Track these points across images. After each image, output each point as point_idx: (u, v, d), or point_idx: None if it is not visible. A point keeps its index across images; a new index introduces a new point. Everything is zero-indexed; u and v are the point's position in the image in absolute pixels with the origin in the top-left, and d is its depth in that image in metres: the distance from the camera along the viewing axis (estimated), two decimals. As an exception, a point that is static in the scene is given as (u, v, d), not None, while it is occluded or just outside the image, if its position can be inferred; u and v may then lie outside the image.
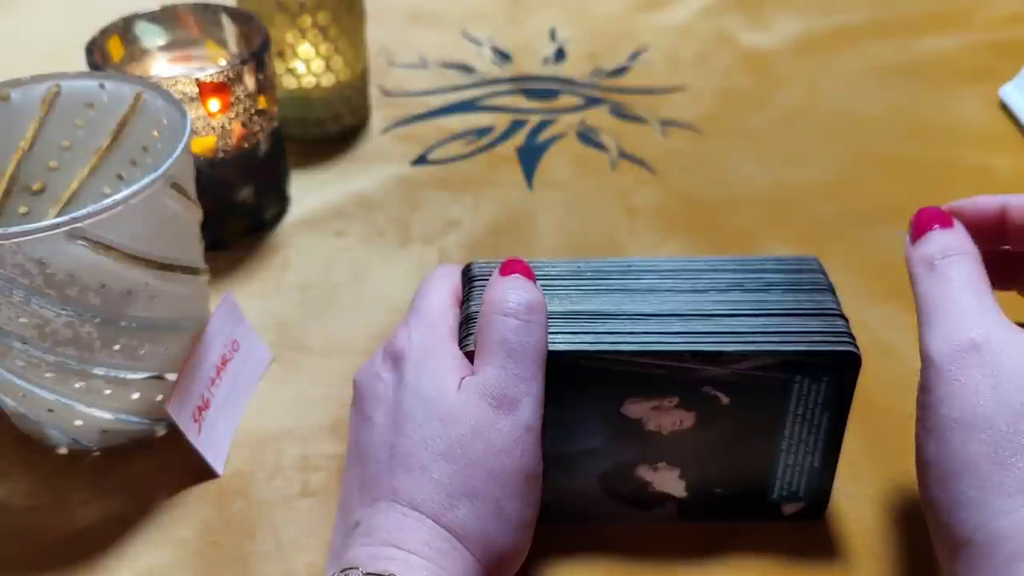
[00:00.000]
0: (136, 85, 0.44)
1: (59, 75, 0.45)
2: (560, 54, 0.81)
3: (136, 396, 0.43)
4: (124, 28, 0.56)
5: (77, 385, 0.41)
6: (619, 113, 0.72)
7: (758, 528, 0.41)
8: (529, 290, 0.37)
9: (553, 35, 0.84)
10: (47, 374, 0.40)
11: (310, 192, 0.63)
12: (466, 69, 0.79)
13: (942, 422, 0.32)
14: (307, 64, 0.65)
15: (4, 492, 0.43)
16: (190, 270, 0.42)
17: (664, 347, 0.36)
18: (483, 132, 0.70)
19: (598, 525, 0.41)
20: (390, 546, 0.32)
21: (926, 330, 0.34)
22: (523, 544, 0.35)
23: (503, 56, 0.81)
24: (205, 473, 0.44)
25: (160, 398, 0.44)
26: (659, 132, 0.70)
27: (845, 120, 0.71)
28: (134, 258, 0.38)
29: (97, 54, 0.53)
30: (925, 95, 0.74)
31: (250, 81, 0.54)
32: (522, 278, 0.37)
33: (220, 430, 0.45)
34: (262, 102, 0.56)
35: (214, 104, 0.53)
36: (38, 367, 0.40)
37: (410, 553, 0.32)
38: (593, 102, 0.74)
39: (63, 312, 0.38)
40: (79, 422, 0.43)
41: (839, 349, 0.36)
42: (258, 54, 0.54)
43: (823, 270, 0.40)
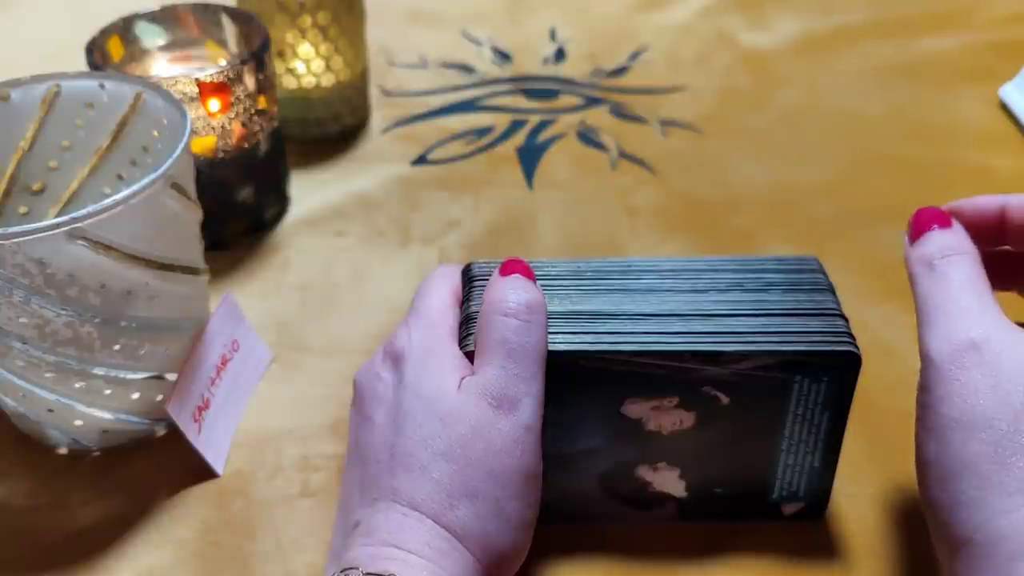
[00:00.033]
0: (136, 85, 0.44)
1: (59, 75, 0.45)
2: (560, 54, 0.81)
3: (136, 396, 0.43)
4: (124, 28, 0.56)
5: (77, 385, 0.41)
6: (619, 113, 0.72)
7: (758, 528, 0.41)
8: (529, 290, 0.37)
9: (553, 35, 0.84)
10: (47, 374, 0.40)
11: (310, 192, 0.63)
12: (466, 69, 0.79)
13: (942, 422, 0.32)
14: (307, 64, 0.65)
15: (4, 492, 0.43)
16: (190, 270, 0.42)
17: (664, 347, 0.36)
18: (483, 132, 0.70)
19: (598, 525, 0.41)
20: (390, 546, 0.32)
21: (926, 330, 0.34)
22: (523, 544, 0.35)
23: (503, 56, 0.81)
24: (205, 473, 0.44)
25: (160, 398, 0.44)
26: (659, 132, 0.70)
27: (845, 120, 0.71)
28: (134, 258, 0.38)
29: (97, 54, 0.53)
30: (925, 95, 0.74)
31: (250, 81, 0.54)
32: (522, 278, 0.37)
33: (220, 430, 0.45)
34: (262, 102, 0.56)
35: (214, 104, 0.53)
36: (38, 367, 0.40)
37: (410, 553, 0.32)
38: (593, 102, 0.74)
39: (63, 312, 0.38)
40: (79, 422, 0.43)
41: (839, 349, 0.36)
42: (258, 54, 0.54)
43: (823, 270, 0.40)
